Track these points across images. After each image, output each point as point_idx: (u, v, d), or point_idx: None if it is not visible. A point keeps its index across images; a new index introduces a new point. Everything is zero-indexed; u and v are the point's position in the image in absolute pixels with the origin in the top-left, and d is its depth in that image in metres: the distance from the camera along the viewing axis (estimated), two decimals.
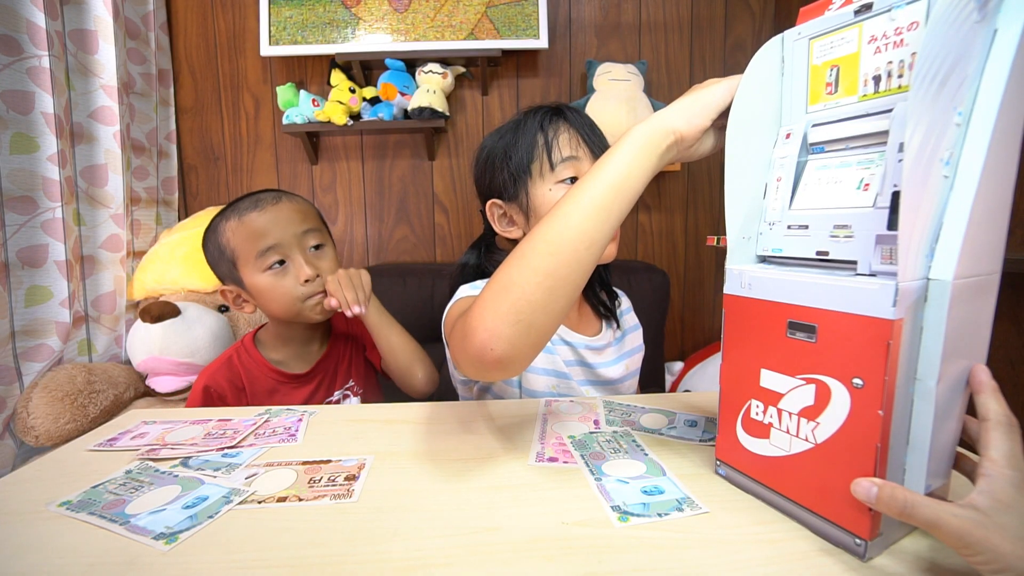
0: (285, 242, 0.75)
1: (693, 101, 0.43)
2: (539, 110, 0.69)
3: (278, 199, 0.78)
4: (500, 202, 0.70)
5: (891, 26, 0.34)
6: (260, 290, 0.76)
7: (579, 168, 0.65)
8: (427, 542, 0.36)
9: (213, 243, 0.78)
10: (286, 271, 0.76)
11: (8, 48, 1.02)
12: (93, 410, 1.09)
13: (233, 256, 0.76)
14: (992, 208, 0.32)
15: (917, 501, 0.29)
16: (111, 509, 0.40)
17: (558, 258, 0.40)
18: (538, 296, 0.40)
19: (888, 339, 0.30)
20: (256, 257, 0.75)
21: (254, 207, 0.76)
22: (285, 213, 0.77)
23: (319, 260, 0.79)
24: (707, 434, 0.51)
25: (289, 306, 0.76)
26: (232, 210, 0.78)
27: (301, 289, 0.76)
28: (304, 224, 0.78)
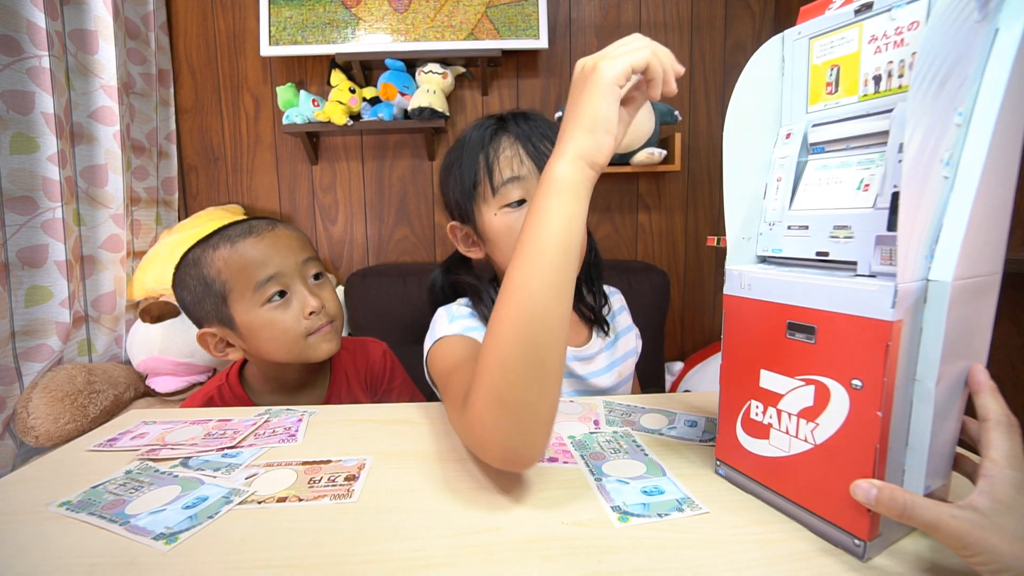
0: (286, 271, 0.68)
1: (592, 121, 0.39)
2: (484, 123, 0.63)
3: (273, 225, 0.71)
4: (458, 224, 0.66)
5: (891, 25, 0.34)
6: (256, 328, 0.68)
7: (525, 188, 0.59)
8: (427, 542, 0.36)
9: (195, 278, 0.68)
10: (288, 304, 0.68)
11: (8, 48, 1.02)
12: (93, 410, 1.09)
13: (224, 290, 0.67)
14: (992, 209, 0.32)
15: (916, 503, 0.29)
16: (111, 509, 0.40)
17: (533, 346, 0.38)
18: (532, 392, 0.38)
19: (887, 340, 0.30)
20: (254, 290, 0.66)
21: (248, 233, 0.69)
22: (284, 240, 0.70)
23: (321, 290, 0.72)
24: (707, 434, 0.51)
25: (291, 344, 0.68)
26: (221, 238, 0.69)
27: (305, 323, 0.68)
28: (304, 252, 0.72)
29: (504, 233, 0.60)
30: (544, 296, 0.38)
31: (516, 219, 0.59)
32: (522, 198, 0.59)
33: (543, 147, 0.60)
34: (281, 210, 1.64)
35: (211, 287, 0.67)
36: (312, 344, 0.70)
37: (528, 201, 0.58)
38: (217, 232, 0.70)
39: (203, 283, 0.67)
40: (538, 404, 0.39)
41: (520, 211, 0.59)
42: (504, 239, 0.60)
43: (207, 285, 0.67)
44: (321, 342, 0.70)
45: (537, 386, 0.38)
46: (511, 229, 0.59)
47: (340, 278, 1.65)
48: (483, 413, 0.39)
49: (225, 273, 0.67)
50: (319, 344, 0.70)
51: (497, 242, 0.61)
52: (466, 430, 0.43)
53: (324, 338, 0.71)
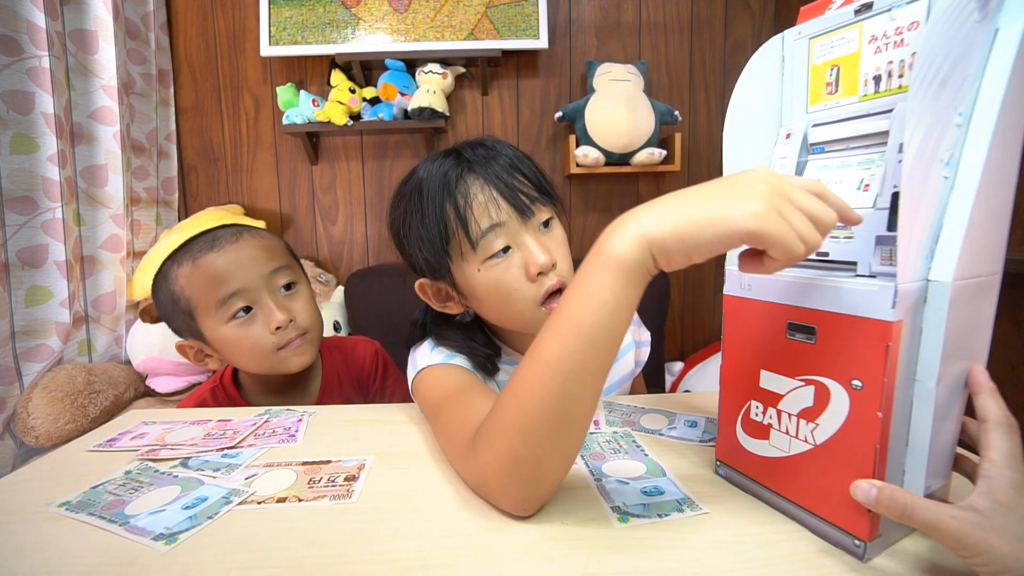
0: (251, 286, 0.66)
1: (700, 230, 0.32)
2: (441, 164, 0.53)
3: (238, 235, 0.68)
4: (428, 281, 0.58)
5: (891, 25, 0.34)
6: (224, 344, 0.66)
7: (508, 233, 0.52)
8: (427, 542, 0.36)
9: (164, 292, 0.67)
10: (253, 319, 0.66)
11: (8, 48, 1.02)
12: (93, 410, 1.09)
13: (189, 306, 0.65)
14: (993, 209, 0.32)
15: (916, 503, 0.29)
16: (111, 510, 0.40)
17: (561, 419, 0.36)
18: (554, 460, 0.37)
19: (887, 341, 0.30)
20: (217, 306, 0.64)
21: (210, 247, 0.65)
22: (248, 252, 0.67)
23: (292, 301, 0.69)
24: (707, 434, 0.51)
25: (261, 359, 0.67)
26: (185, 252, 0.66)
27: (271, 338, 0.66)
28: (271, 263, 0.68)
29: (493, 289, 0.52)
30: (581, 377, 0.35)
31: (505, 269, 0.52)
32: (507, 245, 0.52)
33: (516, 181, 0.52)
34: (281, 210, 1.64)
35: (178, 303, 0.66)
36: (283, 358, 0.68)
37: (513, 248, 0.52)
38: (184, 245, 0.67)
39: (171, 299, 0.66)
40: (557, 468, 0.38)
41: (507, 258, 0.52)
42: (495, 294, 0.53)
43: (174, 301, 0.66)
44: (292, 356, 0.68)
45: (560, 455, 0.38)
46: (501, 282, 0.52)
47: (340, 278, 1.65)
48: (499, 473, 0.38)
49: (188, 290, 0.65)
50: (290, 358, 0.68)
51: (486, 299, 0.54)
52: (474, 478, 0.42)
53: (295, 352, 0.68)
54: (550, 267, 0.52)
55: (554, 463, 0.38)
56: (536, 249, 0.51)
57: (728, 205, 0.31)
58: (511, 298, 0.53)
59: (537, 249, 0.51)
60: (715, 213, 0.31)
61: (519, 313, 0.53)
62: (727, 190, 0.32)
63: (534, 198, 0.53)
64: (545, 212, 0.55)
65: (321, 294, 1.53)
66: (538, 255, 0.51)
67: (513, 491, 0.38)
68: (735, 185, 0.32)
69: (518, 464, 0.37)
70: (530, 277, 0.52)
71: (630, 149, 1.43)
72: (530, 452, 0.37)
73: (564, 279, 0.53)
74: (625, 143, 1.42)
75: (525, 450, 0.37)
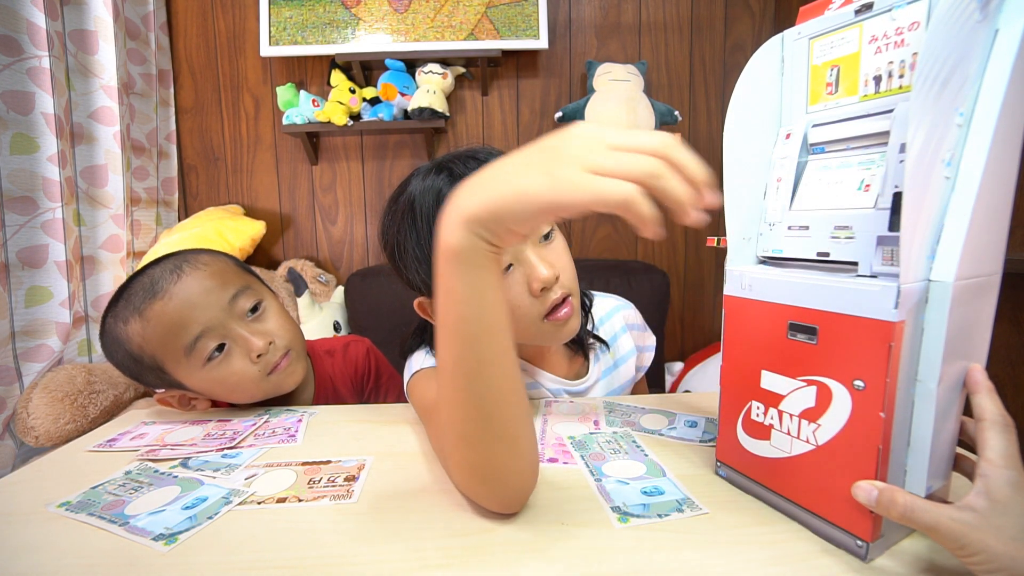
0: (215, 321, 0.60)
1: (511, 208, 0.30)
2: (432, 183, 0.50)
3: (178, 272, 0.60)
4: (427, 300, 0.56)
5: (892, 26, 0.34)
6: (210, 387, 0.61)
7: (513, 253, 0.51)
8: (426, 543, 0.36)
9: (122, 355, 0.60)
10: (230, 355, 0.60)
11: (8, 48, 1.02)
12: (93, 410, 1.09)
13: (156, 362, 0.59)
14: (993, 209, 0.32)
15: (916, 505, 0.29)
16: (111, 510, 0.40)
17: (487, 421, 0.36)
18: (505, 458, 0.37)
19: (890, 341, 0.30)
20: (186, 354, 0.58)
21: (152, 296, 0.58)
22: (197, 286, 0.60)
23: (263, 323, 0.64)
24: (707, 435, 0.51)
25: (254, 389, 0.62)
26: (127, 308, 0.59)
27: (256, 368, 0.61)
28: (227, 290, 0.61)
29: None
30: (480, 371, 0.35)
31: (508, 287, 0.51)
32: (509, 263, 0.51)
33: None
34: (281, 210, 1.64)
35: (141, 362, 0.60)
36: (276, 382, 0.64)
37: (515, 264, 0.51)
38: (121, 298, 0.60)
39: (131, 359, 0.60)
40: (514, 464, 0.38)
41: (510, 275, 0.51)
42: None
43: (137, 361, 0.60)
44: (284, 378, 0.65)
45: (508, 450, 0.37)
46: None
47: (340, 278, 1.65)
48: (467, 480, 0.40)
49: (148, 348, 0.59)
50: (283, 380, 0.65)
51: None
52: (455, 482, 0.42)
53: (286, 373, 0.65)
54: (553, 281, 0.51)
55: (507, 459, 0.37)
56: (539, 264, 0.50)
57: (528, 179, 0.30)
58: (515, 314, 0.51)
59: (540, 264, 0.50)
60: (518, 189, 0.30)
61: (524, 328, 0.53)
62: (538, 156, 0.30)
63: None
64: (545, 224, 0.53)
65: (321, 294, 1.53)
66: (541, 270, 0.50)
67: (485, 493, 0.39)
68: (545, 150, 0.30)
69: (474, 469, 0.38)
70: (533, 293, 0.51)
71: None
72: (479, 456, 0.37)
73: (567, 290, 0.53)
74: None
75: (474, 455, 0.37)
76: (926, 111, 0.29)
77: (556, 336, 0.55)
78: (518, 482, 0.38)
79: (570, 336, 0.56)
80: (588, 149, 0.29)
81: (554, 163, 0.29)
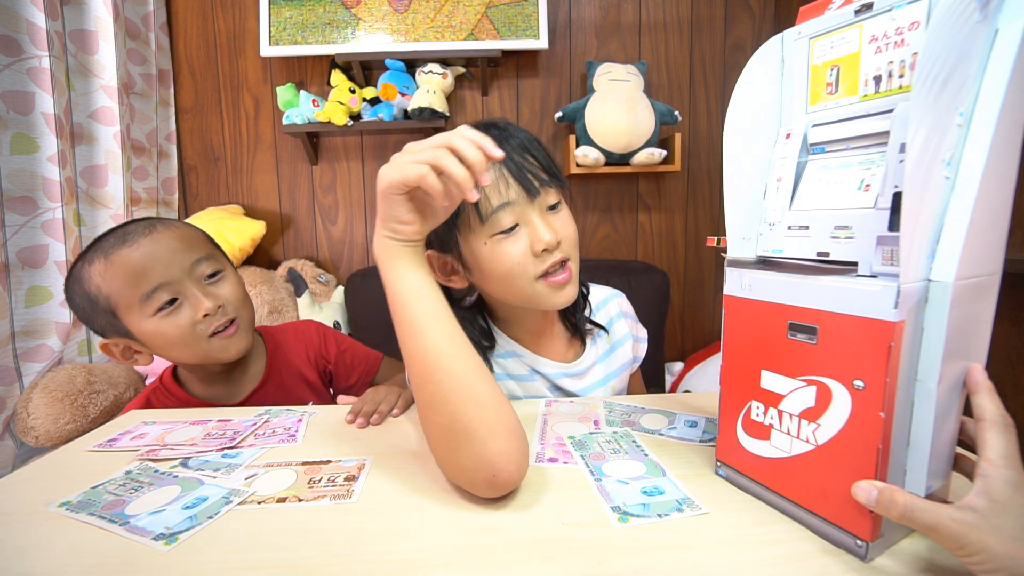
0: (173, 278, 0.64)
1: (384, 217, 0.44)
2: None
3: (151, 228, 0.65)
4: (436, 253, 0.60)
5: (892, 26, 0.34)
6: (153, 337, 0.64)
7: (518, 214, 0.55)
8: (427, 542, 0.36)
9: (79, 294, 0.64)
10: (180, 309, 0.64)
11: (8, 48, 1.02)
12: (93, 410, 1.09)
13: (110, 304, 0.63)
14: (993, 209, 0.32)
15: (916, 505, 0.29)
16: (111, 510, 0.40)
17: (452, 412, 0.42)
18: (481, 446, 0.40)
19: (889, 341, 0.30)
20: (140, 301, 0.62)
21: (122, 242, 0.63)
22: (165, 244, 0.64)
23: (218, 288, 0.68)
24: (707, 435, 0.51)
25: (193, 347, 0.65)
26: (96, 250, 0.63)
27: (200, 326, 0.65)
28: (192, 253, 0.66)
29: (499, 261, 0.55)
30: (437, 359, 0.42)
31: (511, 245, 0.55)
32: (514, 223, 0.55)
33: (526, 162, 0.55)
34: (281, 210, 1.64)
35: (96, 303, 0.63)
36: (218, 346, 0.67)
37: (520, 225, 0.55)
38: (94, 243, 0.65)
39: (87, 299, 0.63)
40: (492, 450, 0.40)
41: (514, 235, 0.55)
42: (499, 267, 0.56)
43: (92, 302, 0.63)
44: (227, 344, 0.67)
45: (480, 441, 0.40)
46: (506, 256, 0.55)
47: (340, 278, 1.65)
48: (454, 474, 0.43)
49: (106, 288, 0.62)
50: (226, 347, 0.67)
51: (490, 271, 0.57)
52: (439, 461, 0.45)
53: (230, 340, 0.68)
54: (555, 245, 0.55)
55: (487, 450, 0.40)
56: (542, 227, 0.55)
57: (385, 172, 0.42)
58: (513, 272, 0.56)
59: (543, 227, 0.55)
60: (382, 180, 0.42)
61: (519, 287, 0.57)
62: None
63: (543, 180, 0.56)
64: (553, 195, 0.58)
65: (321, 294, 1.53)
66: (543, 233, 0.54)
67: (476, 482, 0.41)
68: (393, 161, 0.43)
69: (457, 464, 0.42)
70: (534, 253, 0.55)
71: (630, 149, 1.43)
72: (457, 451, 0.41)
73: (567, 255, 0.57)
74: (625, 143, 1.42)
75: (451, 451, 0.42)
76: (926, 111, 0.29)
77: (551, 299, 0.58)
78: (504, 461, 0.40)
79: (566, 302, 0.59)
80: (412, 150, 0.42)
81: (396, 163, 0.42)
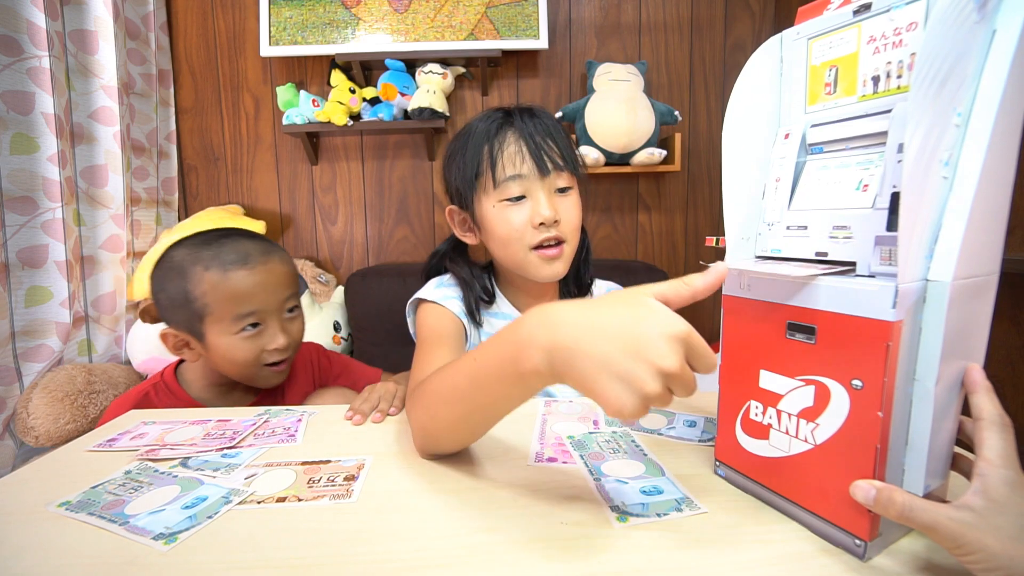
0: (268, 308, 0.70)
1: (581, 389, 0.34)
2: (491, 116, 0.66)
3: (267, 257, 0.71)
4: (457, 208, 0.69)
5: (890, 26, 0.34)
6: (221, 350, 0.69)
7: (525, 186, 0.62)
8: (426, 542, 0.36)
9: (177, 287, 0.67)
10: (259, 335, 0.70)
11: (8, 48, 1.02)
12: (93, 410, 1.09)
13: (204, 310, 0.67)
14: (991, 209, 0.32)
15: (915, 504, 0.29)
16: (110, 509, 0.40)
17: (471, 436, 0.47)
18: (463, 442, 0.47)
19: (888, 340, 0.30)
20: (232, 320, 0.68)
21: (243, 263, 0.68)
22: (274, 277, 0.71)
23: (292, 326, 0.74)
24: (706, 434, 0.51)
25: (246, 369, 0.71)
26: (213, 259, 0.67)
27: (267, 356, 0.71)
28: (287, 289, 0.73)
29: (500, 224, 0.63)
30: (478, 420, 0.44)
31: (514, 212, 0.63)
32: (521, 194, 0.62)
33: (546, 145, 0.62)
34: (281, 210, 1.64)
35: (191, 304, 0.67)
36: (264, 375, 0.72)
37: (527, 197, 0.62)
38: (210, 245, 0.69)
39: (184, 295, 0.67)
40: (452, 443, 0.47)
41: (518, 206, 0.62)
42: (500, 230, 0.64)
43: (188, 300, 0.67)
44: (272, 376, 0.73)
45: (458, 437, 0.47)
46: (508, 221, 0.63)
47: (340, 278, 1.65)
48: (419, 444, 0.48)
49: (210, 296, 0.67)
50: (270, 378, 0.73)
51: (493, 232, 0.65)
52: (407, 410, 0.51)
53: (277, 373, 0.74)
54: (552, 222, 0.61)
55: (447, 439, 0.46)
56: (544, 203, 0.61)
57: (600, 379, 0.32)
58: (511, 237, 0.63)
59: (546, 203, 0.61)
60: (588, 379, 0.33)
61: (514, 252, 0.64)
62: (619, 353, 0.32)
63: (556, 163, 0.62)
64: (564, 180, 0.64)
65: (321, 294, 1.53)
66: (544, 208, 0.61)
67: (418, 441, 0.48)
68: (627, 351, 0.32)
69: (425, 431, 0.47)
70: (533, 225, 0.61)
71: (630, 149, 1.43)
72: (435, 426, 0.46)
73: (564, 237, 0.63)
74: (625, 143, 1.42)
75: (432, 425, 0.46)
76: (924, 111, 0.29)
77: (539, 271, 0.64)
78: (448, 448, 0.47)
79: (552, 277, 0.65)
80: (649, 374, 0.31)
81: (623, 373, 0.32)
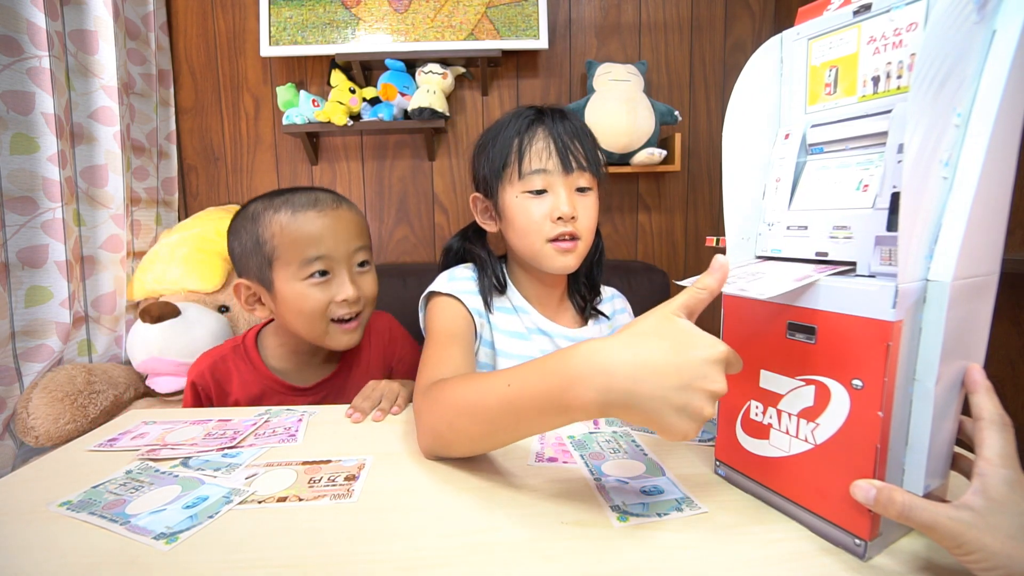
0: (336, 255, 0.68)
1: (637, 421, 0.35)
2: (524, 112, 0.68)
3: (338, 204, 0.71)
4: (481, 196, 0.72)
5: (890, 27, 0.34)
6: (289, 298, 0.68)
7: (549, 182, 0.64)
8: (427, 542, 0.36)
9: (249, 233, 0.69)
10: (327, 284, 0.68)
11: (8, 48, 1.02)
12: (93, 410, 1.09)
13: (272, 255, 0.67)
14: (991, 209, 0.32)
15: (914, 504, 0.29)
16: (111, 509, 0.40)
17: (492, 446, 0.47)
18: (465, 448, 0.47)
19: (888, 340, 0.30)
20: (300, 264, 0.67)
21: (312, 206, 0.68)
22: (344, 223, 0.70)
23: (363, 280, 0.72)
24: (706, 434, 0.52)
25: (314, 323, 0.69)
26: (284, 202, 0.68)
27: (335, 309, 0.69)
28: (359, 239, 0.71)
29: (521, 214, 0.66)
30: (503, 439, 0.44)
31: (535, 205, 0.65)
32: (543, 188, 0.65)
33: (572, 145, 0.65)
34: None
35: (261, 247, 0.68)
36: (333, 333, 0.70)
37: (548, 192, 0.64)
38: (283, 193, 0.70)
39: (255, 240, 0.68)
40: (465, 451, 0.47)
41: (539, 199, 0.65)
42: (520, 220, 0.66)
43: (258, 244, 0.68)
44: (343, 334, 0.71)
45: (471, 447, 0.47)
46: (528, 212, 0.65)
47: None
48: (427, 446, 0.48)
49: (278, 238, 0.67)
50: (340, 335, 0.71)
51: (513, 221, 0.67)
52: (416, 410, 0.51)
53: (347, 331, 0.71)
54: (570, 218, 0.64)
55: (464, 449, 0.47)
56: (564, 199, 0.64)
57: (659, 413, 0.34)
58: (530, 228, 0.66)
59: (565, 199, 0.64)
60: (648, 413, 0.34)
61: (531, 242, 0.66)
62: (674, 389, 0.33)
63: (580, 163, 0.65)
64: (585, 180, 0.67)
65: None
66: (563, 204, 0.63)
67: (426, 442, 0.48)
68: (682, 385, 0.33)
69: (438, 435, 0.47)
70: (551, 218, 0.64)
71: (630, 149, 1.43)
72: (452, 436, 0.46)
73: (579, 233, 0.66)
74: (625, 143, 1.42)
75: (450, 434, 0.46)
76: (924, 111, 0.29)
77: (553, 262, 0.66)
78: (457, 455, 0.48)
79: (564, 269, 0.67)
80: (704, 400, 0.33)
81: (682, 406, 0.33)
